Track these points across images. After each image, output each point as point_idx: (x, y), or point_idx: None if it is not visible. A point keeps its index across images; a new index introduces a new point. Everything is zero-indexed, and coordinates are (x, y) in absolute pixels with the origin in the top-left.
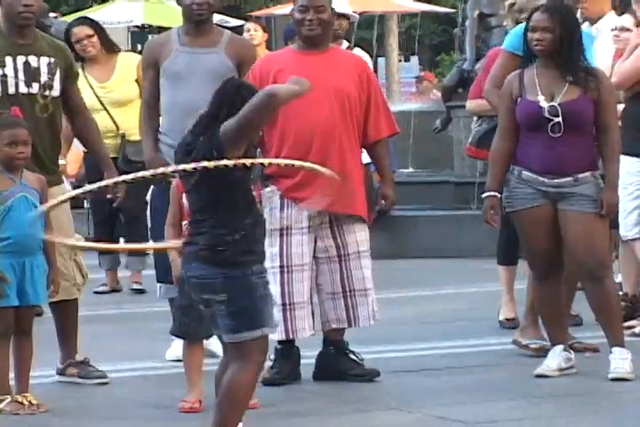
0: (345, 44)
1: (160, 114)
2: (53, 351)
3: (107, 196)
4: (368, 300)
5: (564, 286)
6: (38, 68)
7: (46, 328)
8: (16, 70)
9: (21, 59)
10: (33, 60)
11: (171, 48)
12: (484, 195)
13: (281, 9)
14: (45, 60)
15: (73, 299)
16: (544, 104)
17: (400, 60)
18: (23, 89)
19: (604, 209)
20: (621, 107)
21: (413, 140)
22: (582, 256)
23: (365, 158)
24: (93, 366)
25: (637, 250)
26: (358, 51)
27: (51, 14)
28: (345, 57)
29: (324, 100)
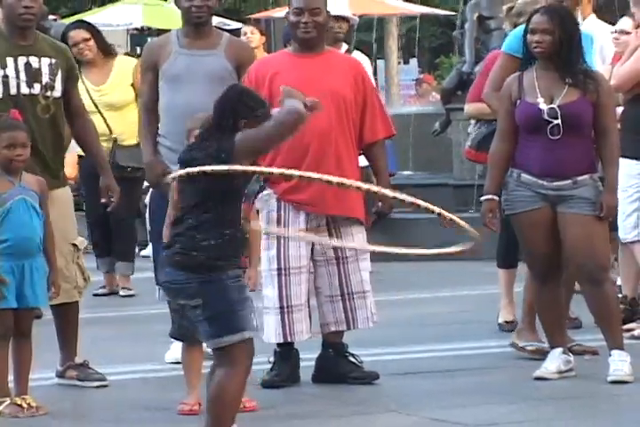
0: (344, 47)
1: (159, 116)
2: (53, 354)
3: (101, 199)
4: (366, 302)
5: (563, 289)
6: (39, 69)
7: (46, 330)
8: (17, 71)
9: (22, 60)
10: (34, 61)
11: (170, 50)
12: (483, 198)
13: (280, 11)
14: (46, 61)
15: (74, 302)
16: (543, 106)
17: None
18: (25, 90)
19: (604, 212)
20: (620, 109)
21: (412, 142)
22: (582, 259)
23: (363, 162)
24: (93, 368)
25: (636, 252)
26: (358, 53)
27: (50, 17)
28: (340, 59)
29: (321, 102)
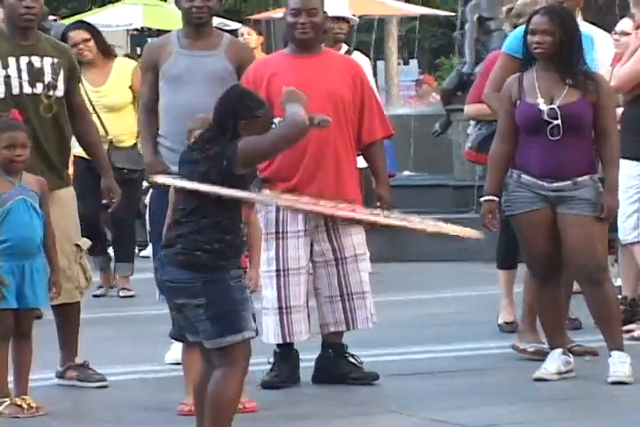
0: (344, 48)
1: (158, 117)
2: (53, 354)
3: (102, 200)
4: (366, 303)
5: (563, 290)
6: (42, 69)
7: (46, 331)
8: (19, 71)
9: (24, 59)
10: (36, 61)
11: (170, 51)
12: (483, 199)
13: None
14: (49, 61)
15: (75, 302)
16: (543, 107)
17: (399, 64)
18: (27, 89)
19: (604, 213)
20: (620, 110)
21: (413, 143)
22: (582, 259)
23: (362, 163)
24: (93, 369)
25: (636, 254)
26: (358, 54)
27: (50, 17)
28: (338, 59)
29: (319, 103)
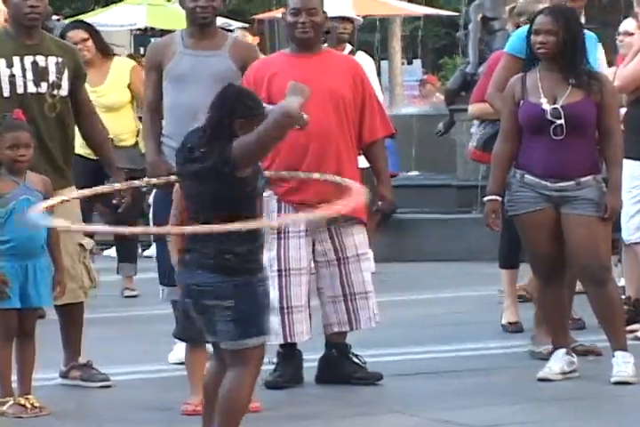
0: (348, 48)
1: (162, 117)
2: (56, 353)
3: (113, 201)
4: (369, 303)
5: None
6: (46, 68)
7: (49, 330)
8: (24, 70)
9: (29, 59)
10: (41, 60)
11: (174, 50)
12: (486, 198)
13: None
14: (53, 60)
15: (79, 302)
16: (546, 106)
17: (403, 64)
18: (32, 88)
19: (607, 213)
20: (624, 110)
21: (416, 143)
22: (585, 259)
23: (363, 163)
24: (96, 368)
25: None
26: (362, 54)
27: (53, 17)
28: (338, 59)
29: (320, 103)
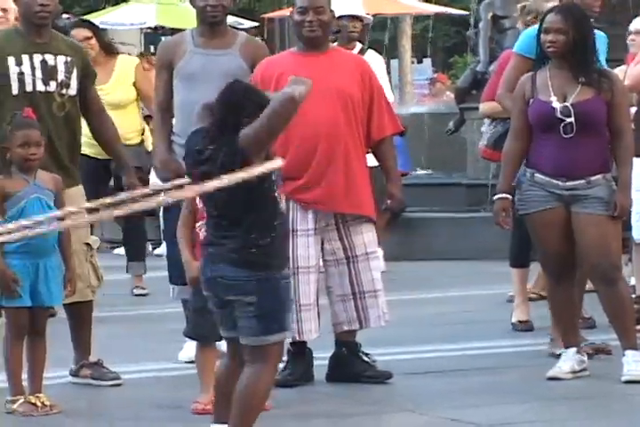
0: (359, 47)
1: (173, 115)
2: (67, 352)
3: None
4: (378, 301)
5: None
6: (55, 67)
7: (60, 329)
8: (33, 68)
9: (38, 57)
10: (50, 59)
11: (185, 49)
12: (496, 197)
13: None
14: (62, 59)
15: (87, 301)
16: (556, 104)
17: (413, 62)
18: (40, 87)
19: (617, 211)
20: (634, 109)
21: (426, 141)
22: (596, 258)
23: (372, 162)
24: (107, 367)
25: None
26: (372, 53)
27: (64, 15)
28: (346, 57)
29: (328, 101)
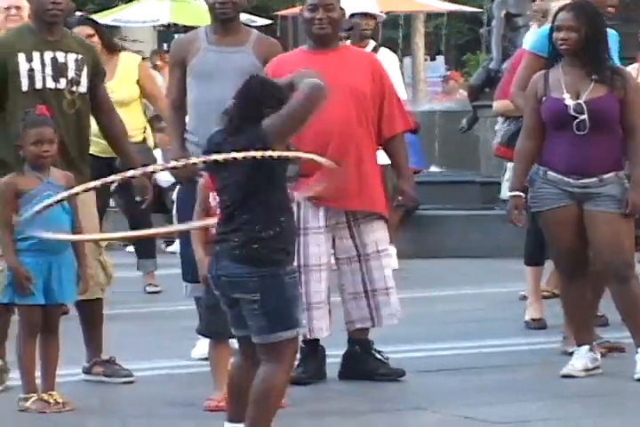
0: (372, 44)
1: (186, 113)
2: (80, 350)
3: (136, 198)
4: (390, 299)
5: (592, 287)
6: (65, 64)
7: (73, 327)
8: (43, 65)
9: (49, 54)
10: (60, 56)
11: (198, 46)
12: (508, 194)
13: None
14: (73, 57)
15: (97, 299)
16: (569, 102)
17: (426, 60)
18: (50, 84)
19: (629, 209)
20: None
21: (439, 139)
22: (608, 256)
23: (384, 160)
24: (119, 364)
25: None
26: (385, 50)
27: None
28: (356, 55)
29: (340, 99)
